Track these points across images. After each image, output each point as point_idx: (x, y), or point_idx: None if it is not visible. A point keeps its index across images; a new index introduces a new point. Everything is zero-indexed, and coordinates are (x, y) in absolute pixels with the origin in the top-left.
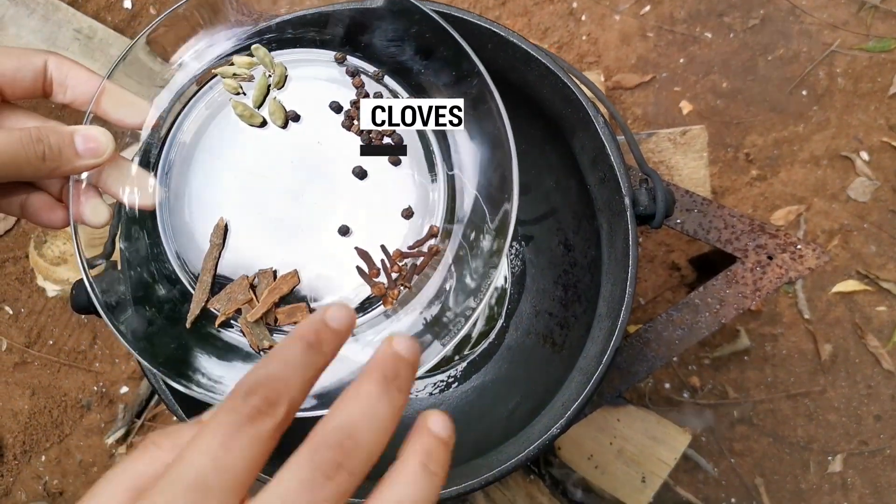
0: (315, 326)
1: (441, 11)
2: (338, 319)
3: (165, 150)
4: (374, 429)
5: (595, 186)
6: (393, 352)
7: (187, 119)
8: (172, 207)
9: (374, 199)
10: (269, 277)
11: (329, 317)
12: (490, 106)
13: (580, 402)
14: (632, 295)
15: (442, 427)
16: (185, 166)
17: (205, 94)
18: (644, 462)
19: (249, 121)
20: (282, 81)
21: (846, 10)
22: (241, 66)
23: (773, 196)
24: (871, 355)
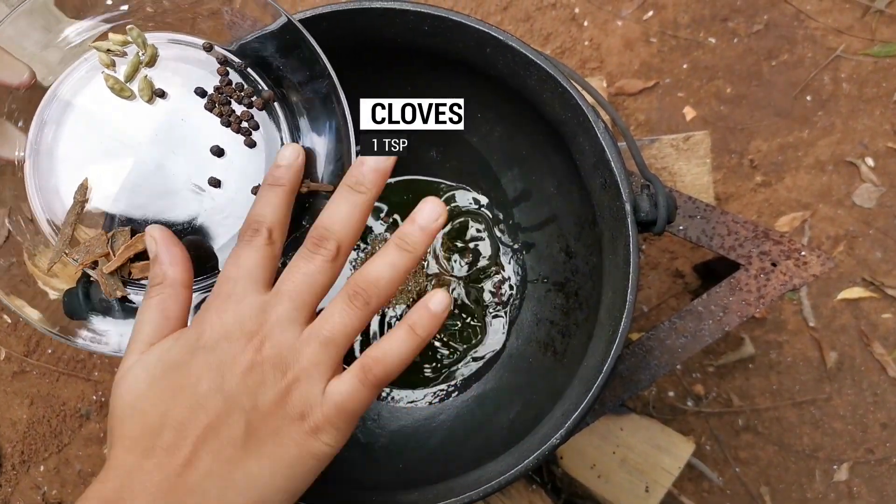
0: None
1: (419, 11)
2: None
3: (40, 110)
4: (343, 220)
5: (596, 192)
6: (361, 164)
7: (65, 82)
8: (42, 167)
9: (228, 176)
10: (126, 235)
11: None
12: (335, 107)
13: (581, 412)
14: (633, 302)
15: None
16: (58, 127)
17: (83, 62)
18: (648, 471)
19: (119, 94)
20: (152, 61)
21: (851, 14)
22: (115, 42)
23: (777, 202)
24: (877, 363)
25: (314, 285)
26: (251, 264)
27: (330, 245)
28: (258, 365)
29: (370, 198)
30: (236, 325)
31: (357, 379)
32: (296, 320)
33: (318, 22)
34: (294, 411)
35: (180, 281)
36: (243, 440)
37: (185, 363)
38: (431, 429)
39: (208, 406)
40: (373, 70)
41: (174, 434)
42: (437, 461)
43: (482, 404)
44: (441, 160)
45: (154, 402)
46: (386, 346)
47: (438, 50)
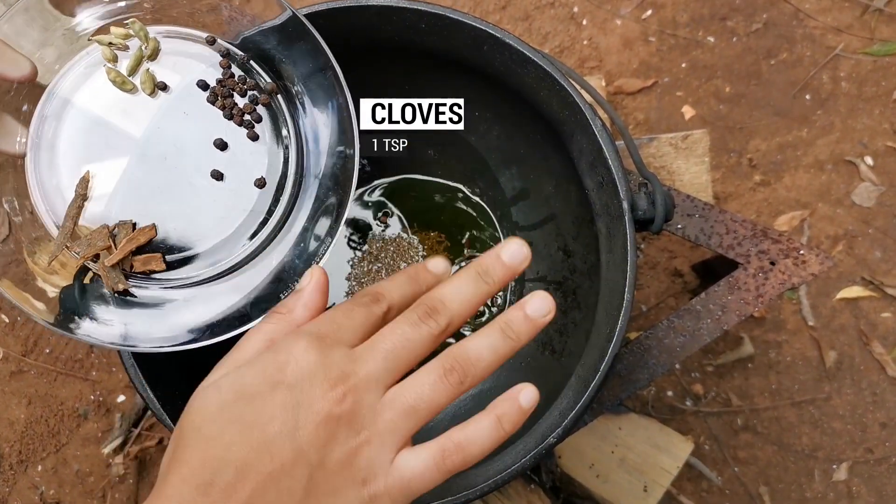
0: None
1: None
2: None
3: (41, 104)
4: (462, 300)
5: (593, 191)
6: (496, 257)
7: (65, 78)
8: (42, 161)
9: (231, 169)
10: (129, 228)
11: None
12: (338, 99)
13: (578, 410)
14: (630, 301)
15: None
16: (59, 121)
17: (85, 56)
18: (646, 470)
19: (121, 87)
20: (154, 54)
21: (850, 13)
22: (117, 36)
23: (776, 201)
24: (877, 362)
25: (412, 353)
26: (358, 323)
27: (442, 319)
28: (335, 419)
29: (493, 290)
30: (322, 368)
31: (433, 460)
32: (383, 381)
33: (314, 19)
34: (358, 475)
35: (300, 323)
36: (302, 496)
37: (260, 395)
38: (428, 428)
39: (275, 452)
40: (370, 68)
41: (234, 475)
42: None
43: (480, 403)
44: (439, 159)
45: (221, 432)
46: (470, 433)
47: (436, 48)
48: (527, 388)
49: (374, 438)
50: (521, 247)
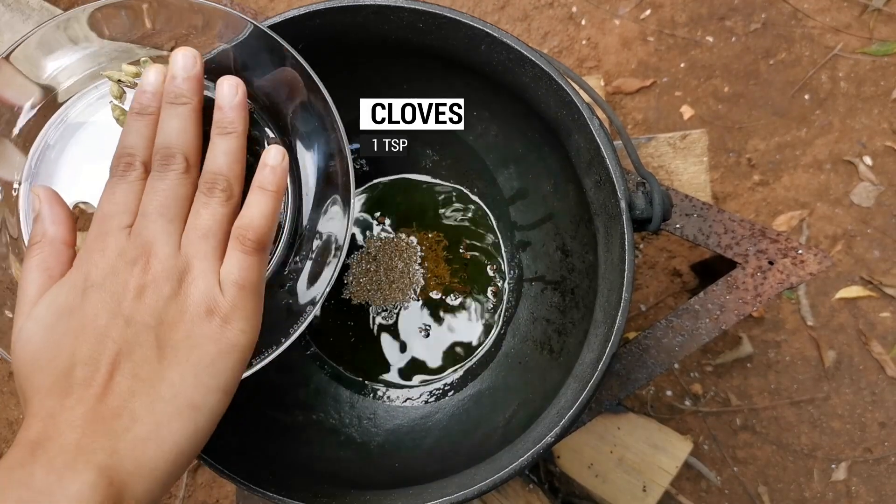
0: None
1: (413, 8)
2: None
3: (44, 132)
4: (179, 134)
5: (591, 190)
6: (172, 78)
7: (71, 109)
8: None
9: None
10: None
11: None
12: (337, 168)
13: (575, 411)
14: (628, 300)
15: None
16: (59, 152)
17: (93, 89)
18: (645, 470)
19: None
20: None
21: (849, 13)
22: (127, 73)
23: (775, 201)
24: (876, 362)
25: (178, 197)
26: (126, 199)
27: (178, 159)
28: (151, 282)
29: (194, 105)
30: (118, 256)
31: (238, 251)
32: (170, 232)
33: (311, 19)
34: (199, 310)
35: (61, 238)
36: (158, 355)
37: (77, 305)
38: (427, 427)
39: (113, 334)
40: (368, 68)
41: (87, 368)
42: (432, 460)
43: (478, 403)
44: (436, 159)
45: (57, 349)
46: (248, 213)
47: (433, 48)
48: (270, 151)
49: (193, 275)
50: (185, 53)
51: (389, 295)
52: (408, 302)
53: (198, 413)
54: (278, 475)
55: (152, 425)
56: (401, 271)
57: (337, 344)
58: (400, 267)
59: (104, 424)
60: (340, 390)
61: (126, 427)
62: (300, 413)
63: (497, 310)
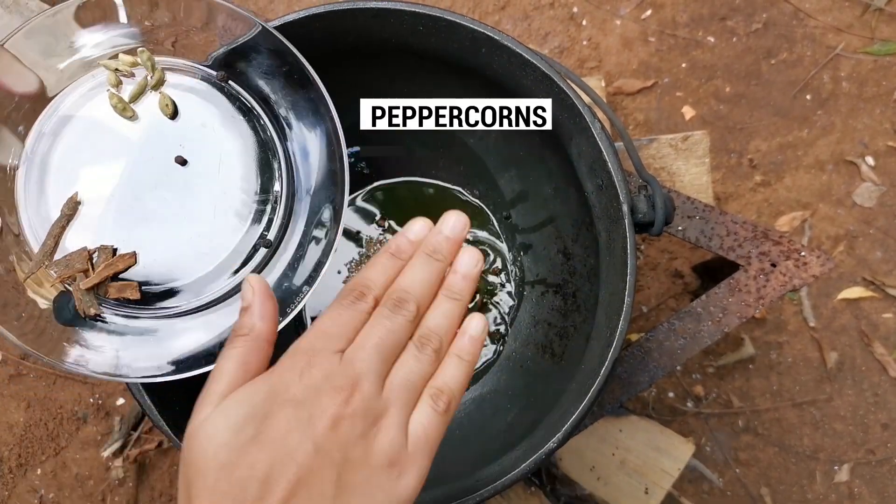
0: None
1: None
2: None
3: (40, 120)
4: (422, 284)
5: (593, 193)
6: (438, 233)
7: (69, 97)
8: (33, 175)
9: (223, 205)
10: (108, 254)
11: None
12: (335, 150)
13: (578, 414)
14: (630, 304)
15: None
16: (55, 139)
17: (90, 78)
18: (647, 473)
19: (121, 113)
20: (159, 85)
21: (850, 13)
22: (124, 63)
23: (777, 202)
24: (878, 363)
25: (396, 342)
26: (348, 327)
27: (410, 307)
28: (349, 416)
29: (445, 266)
30: (325, 379)
31: (430, 408)
32: (380, 372)
33: (312, 22)
34: (384, 458)
35: (265, 336)
36: (334, 493)
37: (271, 413)
38: None
39: (298, 458)
40: (368, 71)
41: (263, 487)
42: (433, 464)
43: (480, 407)
44: (438, 161)
45: (240, 453)
46: (444, 376)
47: (433, 50)
48: (474, 319)
49: (387, 421)
50: (458, 217)
51: None
52: None
53: None
54: None
55: None
56: None
57: None
58: None
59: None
60: None
61: None
62: None
63: (498, 313)
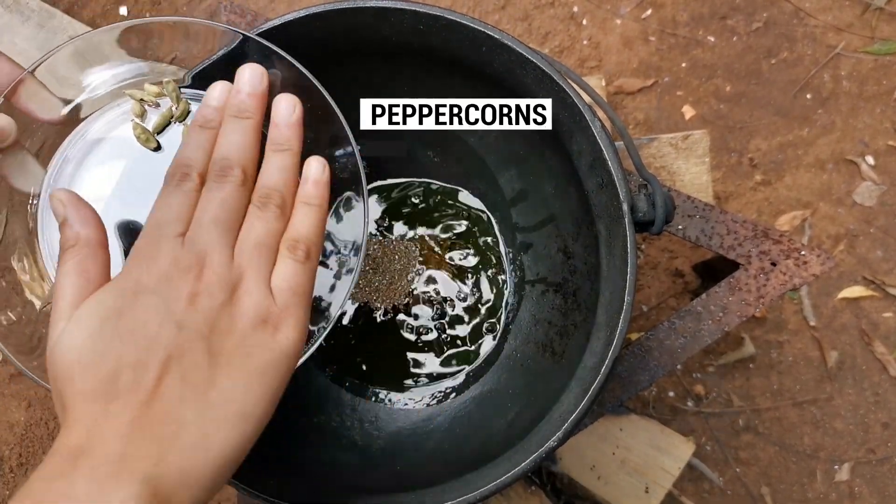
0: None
1: (414, 10)
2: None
3: (64, 147)
4: (239, 147)
5: (593, 192)
6: (238, 92)
7: (93, 125)
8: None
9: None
10: None
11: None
12: (357, 193)
13: (579, 413)
14: (630, 303)
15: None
16: (77, 166)
17: (115, 106)
18: (647, 472)
19: (145, 143)
20: (184, 116)
21: (851, 12)
22: (149, 93)
23: (777, 201)
24: (879, 362)
25: (232, 209)
26: (181, 209)
27: (235, 172)
28: (205, 290)
29: (256, 121)
30: (172, 264)
31: (290, 259)
32: (224, 243)
33: (312, 21)
34: (252, 319)
35: (95, 240)
36: (209, 362)
37: (126, 308)
38: (429, 431)
39: (164, 340)
40: (368, 70)
41: (135, 372)
42: (434, 463)
43: (480, 406)
44: (438, 161)
45: (103, 352)
46: (296, 225)
47: (434, 49)
48: (311, 162)
49: (246, 285)
50: (253, 70)
51: (389, 297)
52: (407, 303)
53: (246, 422)
54: (279, 479)
55: (200, 433)
56: (400, 273)
57: (338, 346)
58: (399, 269)
59: (151, 431)
60: (342, 393)
61: (174, 433)
62: (301, 416)
63: (498, 312)
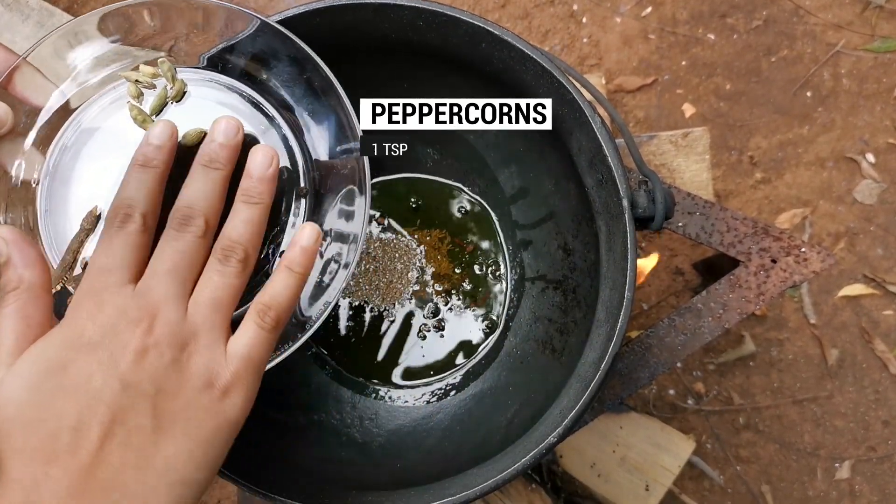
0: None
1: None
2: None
3: (61, 133)
4: (205, 197)
5: (593, 189)
6: (211, 141)
7: (89, 109)
8: (54, 190)
9: None
10: None
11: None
12: (338, 112)
13: (578, 410)
14: (630, 299)
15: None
16: (76, 152)
17: (111, 90)
18: (648, 470)
19: (142, 125)
20: (179, 96)
21: (850, 10)
22: (145, 74)
23: (777, 199)
24: (879, 360)
25: (191, 261)
26: (125, 253)
27: (198, 221)
28: (153, 346)
29: (226, 173)
30: (119, 315)
31: (256, 325)
32: (179, 296)
33: (311, 17)
34: (200, 381)
35: (39, 283)
36: (153, 425)
37: (69, 361)
38: (429, 428)
39: (107, 399)
40: (367, 67)
41: (76, 434)
42: (434, 460)
43: (480, 403)
44: (438, 158)
45: (43, 409)
46: (272, 290)
47: (433, 46)
48: (305, 229)
49: (198, 344)
50: (229, 121)
51: (389, 295)
52: (408, 302)
53: (187, 489)
54: (280, 476)
55: (141, 502)
56: (400, 272)
57: (337, 344)
58: (399, 267)
59: (91, 498)
60: (342, 391)
61: (115, 502)
62: (301, 414)
63: (499, 309)
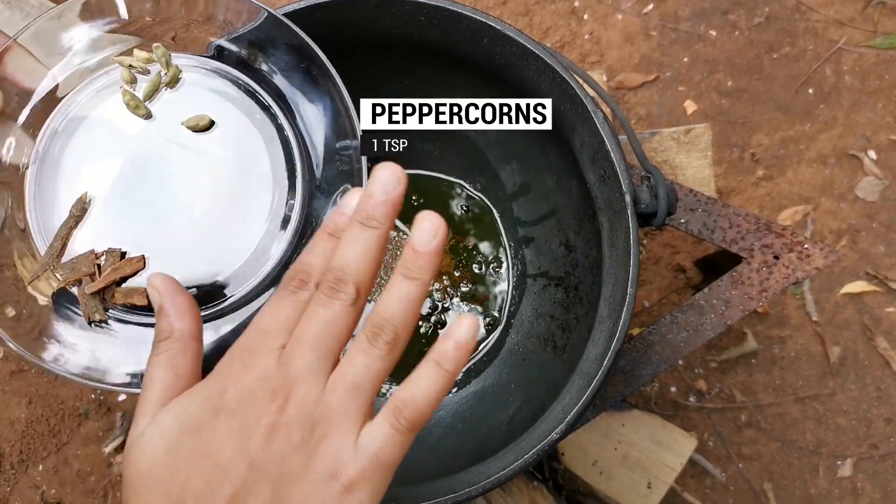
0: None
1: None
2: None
3: (52, 118)
4: (358, 260)
5: (595, 185)
6: (369, 196)
7: (81, 93)
8: (44, 175)
9: (241, 208)
10: (116, 257)
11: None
12: (330, 90)
13: (580, 407)
14: (633, 296)
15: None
16: (66, 137)
17: (103, 75)
18: (650, 467)
19: (134, 110)
20: (173, 82)
21: (853, 6)
22: (139, 59)
23: (779, 196)
24: (881, 357)
25: (336, 332)
26: (289, 318)
27: (348, 289)
28: (283, 426)
29: (384, 232)
30: (260, 382)
31: (389, 424)
32: (320, 371)
33: (312, 13)
34: (325, 471)
35: (189, 333)
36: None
37: (205, 425)
38: (430, 425)
39: (232, 475)
40: (368, 63)
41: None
42: (436, 457)
43: (482, 400)
44: (439, 155)
45: (174, 470)
46: (414, 387)
47: (434, 42)
48: (463, 322)
49: (329, 429)
50: (392, 172)
51: None
52: None
53: None
54: None
55: None
56: None
57: None
58: None
59: None
60: None
61: None
62: None
63: (500, 306)
